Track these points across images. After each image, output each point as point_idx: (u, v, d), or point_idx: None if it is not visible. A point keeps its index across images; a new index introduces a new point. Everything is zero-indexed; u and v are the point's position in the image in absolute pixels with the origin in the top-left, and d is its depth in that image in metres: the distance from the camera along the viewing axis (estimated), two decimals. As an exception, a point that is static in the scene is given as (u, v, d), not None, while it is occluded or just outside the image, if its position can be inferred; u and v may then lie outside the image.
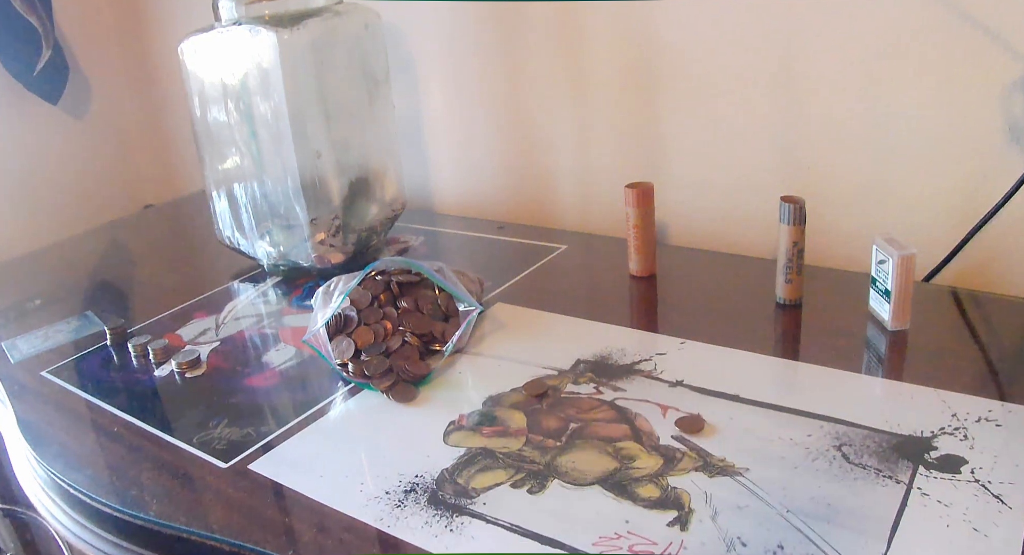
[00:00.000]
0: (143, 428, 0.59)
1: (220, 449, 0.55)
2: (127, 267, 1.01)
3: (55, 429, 0.62)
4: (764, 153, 0.78)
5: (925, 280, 0.70)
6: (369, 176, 0.85)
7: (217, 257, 0.91)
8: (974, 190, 0.67)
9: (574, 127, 0.89)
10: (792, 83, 0.74)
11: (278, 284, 0.83)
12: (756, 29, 0.74)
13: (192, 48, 0.79)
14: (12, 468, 0.65)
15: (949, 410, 0.50)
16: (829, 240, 0.75)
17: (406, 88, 0.99)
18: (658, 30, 0.79)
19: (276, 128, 0.76)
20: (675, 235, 0.86)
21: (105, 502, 0.52)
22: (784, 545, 0.41)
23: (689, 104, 0.80)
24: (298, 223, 0.80)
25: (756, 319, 0.66)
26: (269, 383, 0.63)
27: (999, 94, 0.64)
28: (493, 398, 0.57)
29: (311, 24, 0.75)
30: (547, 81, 0.89)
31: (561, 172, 0.93)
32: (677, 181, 0.84)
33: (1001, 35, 0.63)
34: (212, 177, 0.84)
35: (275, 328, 0.73)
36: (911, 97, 0.68)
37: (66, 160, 1.26)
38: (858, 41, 0.69)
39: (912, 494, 0.44)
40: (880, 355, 0.59)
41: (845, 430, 0.50)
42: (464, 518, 0.46)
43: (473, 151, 0.99)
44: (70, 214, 1.25)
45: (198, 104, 0.81)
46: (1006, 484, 0.44)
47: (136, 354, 0.70)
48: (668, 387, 0.56)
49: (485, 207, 1.00)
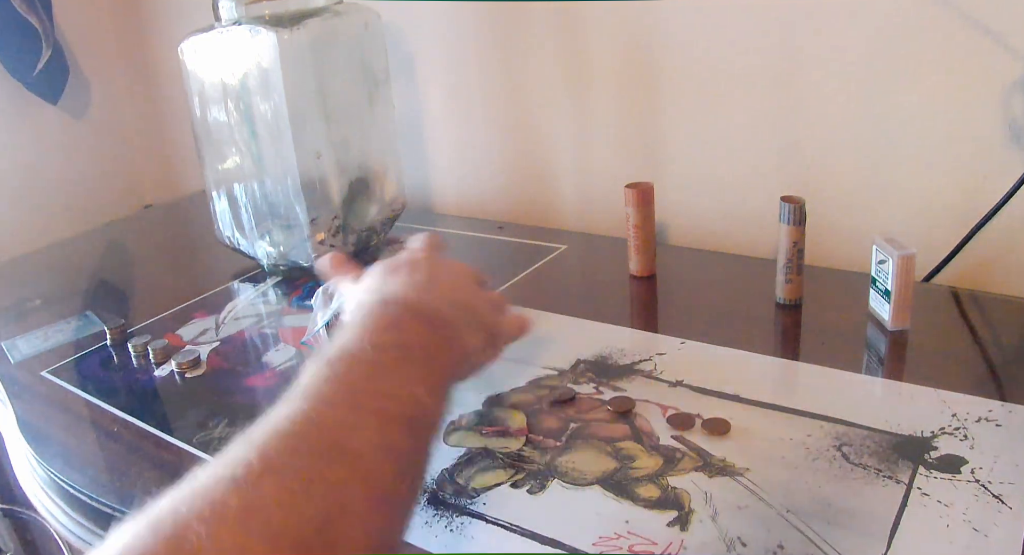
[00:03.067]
0: (143, 428, 0.59)
1: (220, 449, 0.55)
2: (127, 267, 1.01)
3: (55, 429, 0.62)
4: (764, 153, 0.78)
5: (925, 280, 0.70)
6: (369, 176, 0.85)
7: (217, 257, 0.91)
8: (974, 190, 0.67)
9: (574, 127, 0.89)
10: (792, 83, 0.74)
11: (278, 284, 0.83)
12: (756, 29, 0.74)
13: (192, 48, 0.79)
14: (12, 468, 0.65)
15: (949, 410, 0.50)
16: (829, 240, 0.75)
17: (406, 88, 0.99)
18: (658, 30, 0.79)
19: (276, 128, 0.76)
20: (675, 235, 0.86)
21: (105, 502, 0.52)
22: (784, 545, 0.41)
23: (689, 104, 0.80)
24: (298, 223, 0.80)
25: (756, 319, 0.66)
26: (269, 383, 0.63)
27: (999, 94, 0.64)
28: (493, 398, 0.57)
29: (311, 24, 0.75)
30: (547, 81, 0.89)
31: (561, 172, 0.93)
32: (677, 181, 0.84)
33: (1001, 35, 0.62)
34: (212, 177, 0.84)
35: (275, 328, 0.73)
36: (911, 97, 0.68)
37: (66, 160, 1.26)
38: (858, 41, 0.69)
39: (912, 494, 0.43)
40: (880, 355, 0.59)
41: (845, 430, 0.50)
42: (464, 518, 0.46)
43: (473, 151, 0.99)
44: (70, 214, 1.25)
45: (198, 104, 0.81)
46: (1006, 484, 0.43)
47: (136, 354, 0.70)
48: (668, 387, 0.56)
49: (485, 207, 1.00)
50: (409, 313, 0.45)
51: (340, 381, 0.37)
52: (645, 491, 0.46)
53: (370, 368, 0.39)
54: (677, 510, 0.44)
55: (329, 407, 0.36)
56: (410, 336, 0.43)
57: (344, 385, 0.37)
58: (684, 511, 0.44)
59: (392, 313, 0.44)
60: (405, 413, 0.37)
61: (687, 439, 0.50)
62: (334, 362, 0.39)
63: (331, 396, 0.36)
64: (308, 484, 0.31)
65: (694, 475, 0.47)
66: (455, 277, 0.52)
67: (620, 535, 0.43)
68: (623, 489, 0.46)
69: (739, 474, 0.47)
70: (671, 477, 0.47)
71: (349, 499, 0.31)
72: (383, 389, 0.38)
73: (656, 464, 0.48)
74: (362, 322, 0.43)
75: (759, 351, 0.60)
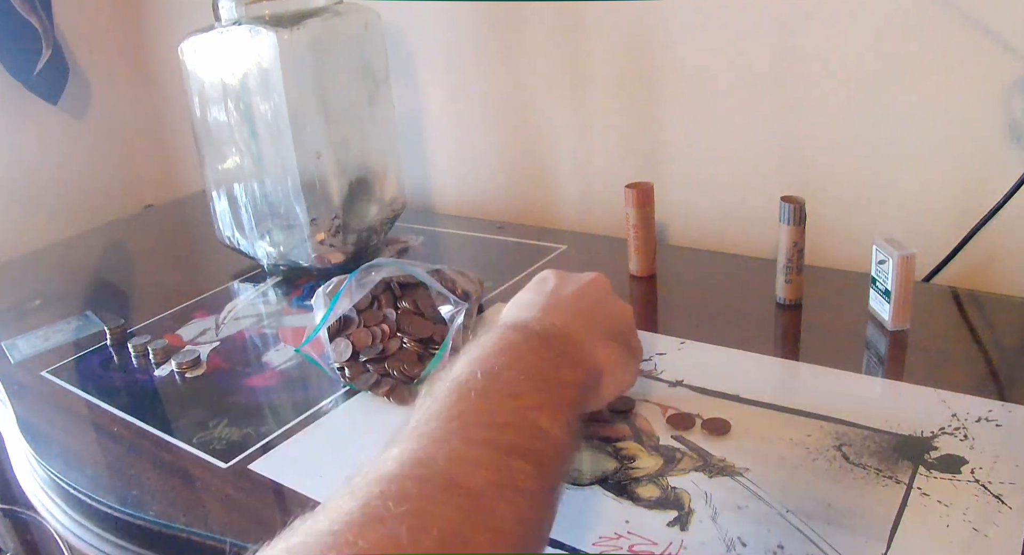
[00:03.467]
0: (143, 428, 0.59)
1: (220, 449, 0.55)
2: (127, 267, 1.01)
3: (55, 429, 0.62)
4: (764, 153, 0.78)
5: (925, 280, 0.70)
6: (369, 176, 0.85)
7: (217, 257, 0.90)
8: (974, 190, 0.67)
9: (574, 127, 0.89)
10: (792, 83, 0.74)
11: (278, 284, 0.83)
12: (756, 29, 0.74)
13: (192, 48, 0.79)
14: (12, 468, 0.65)
15: (949, 410, 0.50)
16: (829, 240, 0.75)
17: (406, 88, 0.99)
18: (658, 30, 0.79)
19: (276, 128, 0.76)
20: (675, 235, 0.86)
21: (105, 502, 0.52)
22: (784, 545, 0.41)
23: (689, 104, 0.80)
24: (298, 223, 0.80)
25: (756, 319, 0.66)
26: (269, 383, 0.63)
27: (999, 94, 0.64)
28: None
29: (311, 24, 0.75)
30: (547, 81, 0.89)
31: (561, 172, 0.93)
32: (677, 181, 0.84)
33: (1001, 35, 0.62)
34: (212, 177, 0.84)
35: (275, 328, 0.73)
36: (911, 97, 0.68)
37: (66, 160, 1.25)
38: (858, 41, 0.69)
39: (912, 494, 0.43)
40: (880, 355, 0.59)
41: (845, 430, 0.50)
42: (464, 518, 0.46)
43: (473, 151, 0.99)
44: (70, 214, 1.25)
45: (198, 104, 0.81)
46: (1006, 484, 0.43)
47: (136, 354, 0.70)
48: (668, 387, 0.56)
49: (485, 207, 1.00)
50: (525, 333, 0.40)
51: (449, 414, 0.33)
52: (645, 491, 0.46)
53: (481, 397, 0.34)
54: (677, 510, 0.44)
55: (437, 443, 0.31)
56: (527, 358, 0.38)
57: (454, 418, 0.33)
58: (684, 511, 0.44)
59: (507, 336, 0.40)
60: (524, 444, 0.32)
61: (687, 439, 0.50)
62: (441, 396, 0.35)
63: (439, 432, 0.32)
64: (418, 531, 0.27)
65: (694, 475, 0.47)
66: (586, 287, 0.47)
67: (620, 535, 0.43)
68: (623, 489, 0.46)
69: (739, 474, 0.47)
70: (671, 477, 0.47)
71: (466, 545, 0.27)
72: (498, 419, 0.33)
73: (656, 464, 0.48)
74: (474, 349, 0.39)
75: (759, 351, 0.60)
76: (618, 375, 0.46)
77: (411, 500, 0.28)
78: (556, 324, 0.42)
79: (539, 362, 0.38)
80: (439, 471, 0.30)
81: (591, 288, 0.48)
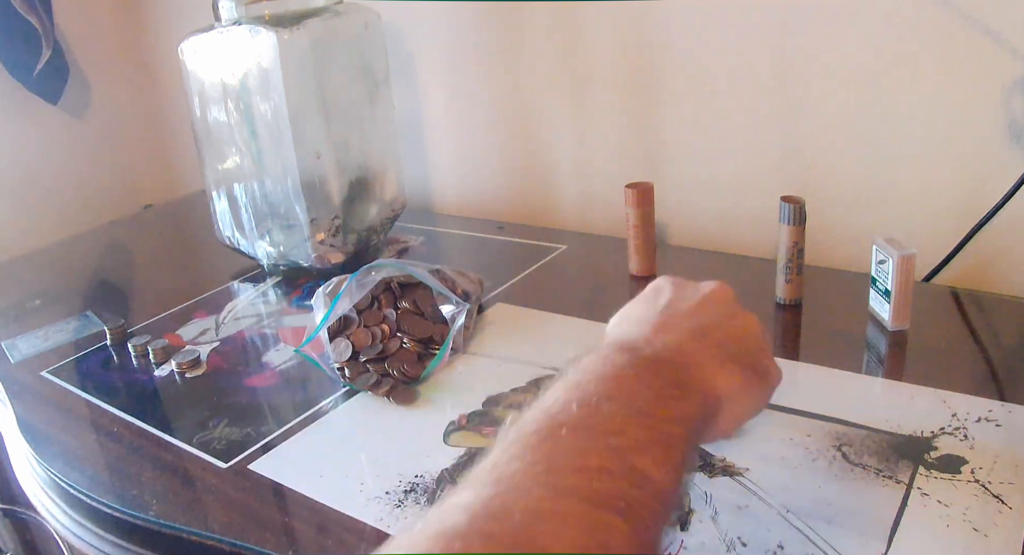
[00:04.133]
0: (143, 428, 0.59)
1: (220, 449, 0.55)
2: (127, 267, 1.01)
3: (55, 429, 0.62)
4: (764, 153, 0.78)
5: (925, 280, 0.70)
6: (369, 176, 0.85)
7: (217, 257, 0.91)
8: (974, 190, 0.67)
9: (574, 127, 0.89)
10: (792, 83, 0.74)
11: (278, 284, 0.83)
12: (756, 29, 0.74)
13: (192, 48, 0.79)
14: (12, 468, 0.65)
15: (949, 410, 0.50)
16: (829, 240, 0.75)
17: (406, 88, 0.99)
18: (658, 30, 0.79)
19: (276, 128, 0.76)
20: (675, 235, 0.86)
21: (105, 502, 0.52)
22: (784, 545, 0.41)
23: (689, 104, 0.80)
24: (298, 223, 0.80)
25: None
26: (269, 383, 0.63)
27: (999, 94, 0.64)
28: (493, 398, 0.57)
29: (311, 24, 0.75)
30: (547, 81, 0.89)
31: (561, 172, 0.93)
32: (677, 181, 0.84)
33: (1001, 35, 0.62)
34: (212, 177, 0.84)
35: (275, 328, 0.73)
36: (911, 97, 0.68)
37: (66, 160, 1.25)
38: (858, 41, 0.69)
39: (912, 494, 0.43)
40: (880, 355, 0.59)
41: (845, 430, 0.50)
42: (464, 518, 0.46)
43: (473, 151, 0.99)
44: (70, 214, 1.25)
45: (198, 104, 0.81)
46: (1006, 484, 0.43)
47: (136, 354, 0.70)
48: (668, 387, 0.56)
49: (485, 207, 1.00)
50: (633, 356, 0.35)
51: (534, 456, 0.28)
52: (645, 491, 0.46)
53: (575, 433, 0.29)
54: (677, 510, 0.44)
55: (516, 492, 0.27)
56: (633, 388, 0.33)
57: (539, 461, 0.28)
58: (684, 511, 0.44)
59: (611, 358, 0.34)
60: (622, 494, 0.28)
61: (687, 439, 0.50)
62: (528, 430, 0.30)
63: (520, 477, 0.27)
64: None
65: (694, 475, 0.47)
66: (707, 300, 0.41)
67: (620, 535, 0.43)
68: (623, 489, 0.46)
69: (739, 474, 0.47)
70: (671, 477, 0.47)
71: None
72: (591, 463, 0.28)
73: (656, 464, 0.48)
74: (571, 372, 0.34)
75: (759, 351, 0.60)
76: (741, 404, 0.38)
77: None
78: (669, 346, 0.36)
79: (647, 393, 0.33)
80: (515, 529, 0.25)
81: (712, 301, 0.41)
